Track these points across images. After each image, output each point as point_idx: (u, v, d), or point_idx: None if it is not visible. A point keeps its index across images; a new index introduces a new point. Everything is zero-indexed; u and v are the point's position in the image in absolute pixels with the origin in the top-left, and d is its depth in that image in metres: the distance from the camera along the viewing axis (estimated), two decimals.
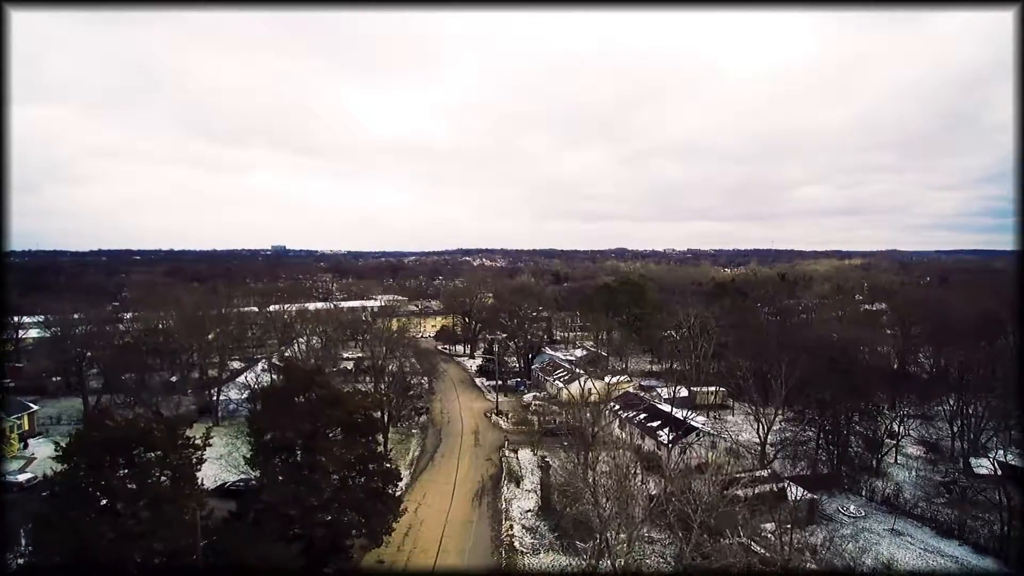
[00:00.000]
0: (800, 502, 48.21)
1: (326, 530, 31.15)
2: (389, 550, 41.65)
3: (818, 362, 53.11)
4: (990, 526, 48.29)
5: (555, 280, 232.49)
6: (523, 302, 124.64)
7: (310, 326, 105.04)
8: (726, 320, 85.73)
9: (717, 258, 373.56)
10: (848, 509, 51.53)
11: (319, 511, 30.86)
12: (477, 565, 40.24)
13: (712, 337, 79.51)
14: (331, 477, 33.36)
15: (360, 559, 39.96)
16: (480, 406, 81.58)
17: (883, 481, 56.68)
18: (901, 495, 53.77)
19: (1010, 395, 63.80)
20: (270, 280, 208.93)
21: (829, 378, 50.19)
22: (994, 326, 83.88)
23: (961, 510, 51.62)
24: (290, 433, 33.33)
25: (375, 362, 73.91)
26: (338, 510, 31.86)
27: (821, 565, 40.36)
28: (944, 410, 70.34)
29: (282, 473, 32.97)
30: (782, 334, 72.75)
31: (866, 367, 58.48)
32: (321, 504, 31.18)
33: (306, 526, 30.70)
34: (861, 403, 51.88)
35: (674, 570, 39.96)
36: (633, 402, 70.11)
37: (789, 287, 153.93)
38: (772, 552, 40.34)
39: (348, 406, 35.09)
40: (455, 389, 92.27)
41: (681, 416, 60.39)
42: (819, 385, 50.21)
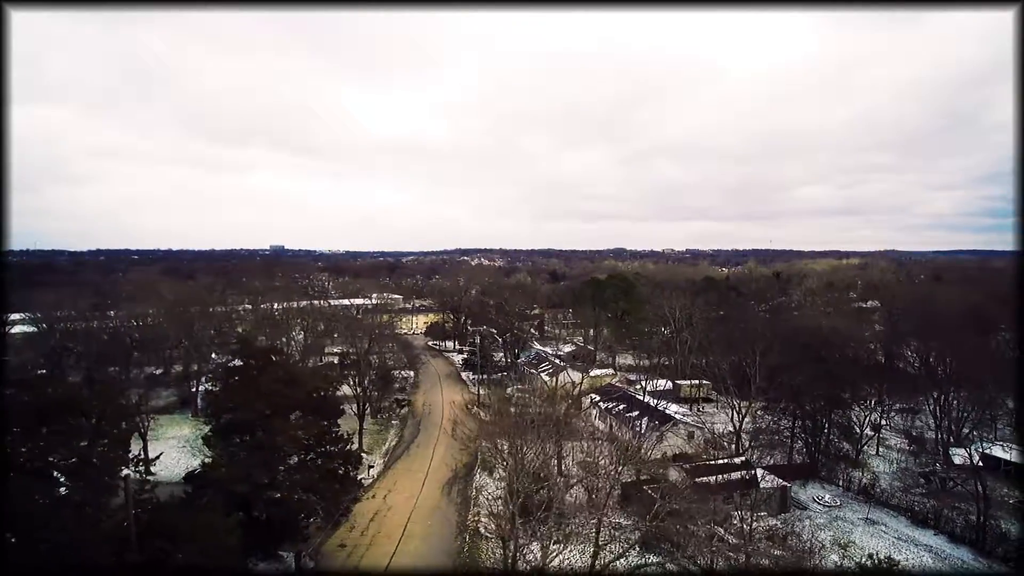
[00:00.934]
0: (772, 490, 47.85)
1: (277, 508, 30.86)
2: (353, 534, 41.44)
3: (792, 349, 52.72)
4: (966, 516, 47.80)
5: (552, 279, 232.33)
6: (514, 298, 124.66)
7: (298, 321, 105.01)
8: (712, 313, 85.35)
9: (716, 258, 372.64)
10: (823, 499, 51.08)
11: (269, 489, 30.59)
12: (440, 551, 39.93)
13: (696, 329, 79.11)
14: (285, 456, 33.13)
15: (323, 542, 39.83)
16: (463, 399, 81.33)
17: (862, 472, 56.23)
18: (878, 485, 53.30)
19: (994, 387, 63.47)
20: (266, 278, 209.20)
21: (802, 365, 49.77)
22: (983, 321, 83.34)
23: (938, 500, 51.16)
24: (246, 412, 33.12)
25: (358, 354, 73.69)
26: (290, 488, 31.57)
27: (787, 552, 39.88)
28: (928, 404, 69.90)
29: (237, 452, 32.72)
30: (761, 324, 72.25)
31: (843, 355, 57.88)
32: (272, 482, 30.93)
33: (256, 504, 30.41)
34: (837, 391, 51.36)
35: (637, 556, 39.59)
36: (613, 393, 69.78)
37: (782, 285, 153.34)
38: (739, 539, 39.92)
39: (306, 386, 34.87)
40: (440, 382, 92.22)
41: (659, 406, 60.03)
42: (792, 372, 49.81)
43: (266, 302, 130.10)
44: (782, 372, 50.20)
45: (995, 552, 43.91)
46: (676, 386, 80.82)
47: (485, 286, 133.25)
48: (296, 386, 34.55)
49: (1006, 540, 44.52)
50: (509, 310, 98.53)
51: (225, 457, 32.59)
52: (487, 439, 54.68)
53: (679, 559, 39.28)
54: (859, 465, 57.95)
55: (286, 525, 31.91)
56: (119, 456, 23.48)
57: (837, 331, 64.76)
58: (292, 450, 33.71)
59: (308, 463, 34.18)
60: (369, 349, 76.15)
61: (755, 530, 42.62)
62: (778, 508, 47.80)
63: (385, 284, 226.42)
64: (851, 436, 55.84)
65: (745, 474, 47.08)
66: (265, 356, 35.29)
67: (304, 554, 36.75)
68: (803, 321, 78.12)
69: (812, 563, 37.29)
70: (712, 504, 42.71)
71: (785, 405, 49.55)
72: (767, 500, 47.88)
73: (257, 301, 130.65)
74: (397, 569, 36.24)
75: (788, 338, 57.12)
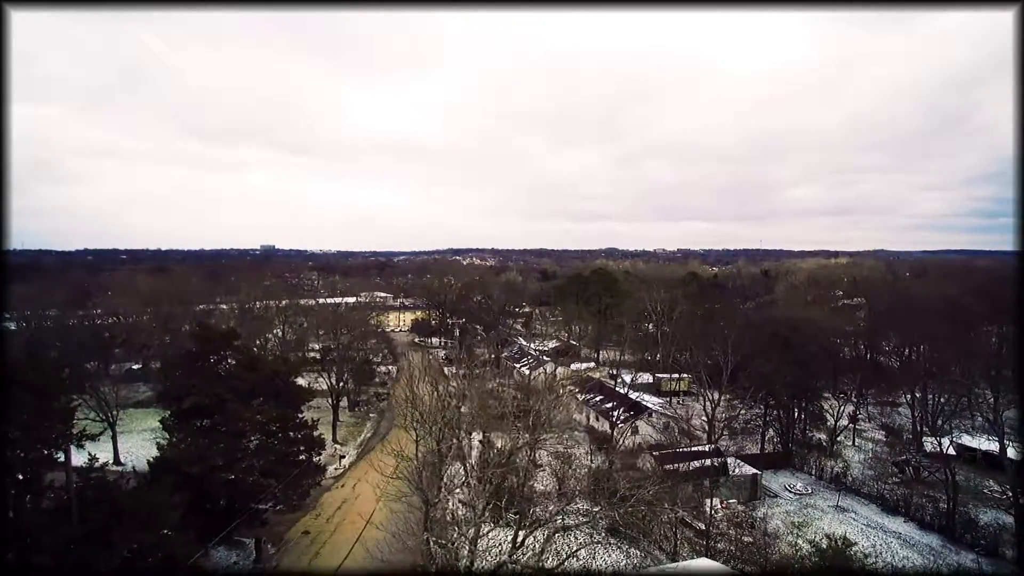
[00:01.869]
0: (742, 477, 47.88)
1: (232, 490, 30.53)
2: (318, 521, 41.19)
3: (763, 338, 52.72)
4: (936, 503, 47.95)
5: (543, 278, 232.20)
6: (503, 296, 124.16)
7: (281, 317, 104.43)
8: (695, 308, 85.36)
9: (706, 257, 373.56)
10: (795, 487, 51.10)
11: (223, 470, 30.26)
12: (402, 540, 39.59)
13: (677, 323, 79.14)
14: (243, 440, 32.81)
15: (287, 529, 39.53)
16: (442, 392, 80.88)
17: (835, 461, 56.34)
18: (850, 474, 53.43)
19: (969, 377, 63.83)
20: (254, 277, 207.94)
21: (771, 352, 49.77)
22: (962, 313, 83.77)
23: (910, 489, 51.31)
24: (204, 396, 32.80)
25: (336, 348, 73.33)
26: (246, 471, 31.25)
27: (755, 537, 39.86)
28: (906, 396, 70.17)
29: (194, 436, 32.39)
30: (738, 316, 72.34)
31: (815, 343, 57.93)
32: (225, 464, 30.60)
33: (211, 486, 30.08)
34: (805, 378, 51.42)
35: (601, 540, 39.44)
36: (592, 386, 69.74)
37: (769, 283, 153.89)
38: (707, 525, 39.94)
39: (265, 370, 34.56)
40: (422, 376, 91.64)
41: (635, 397, 60.01)
42: (760, 359, 49.81)
43: (251, 300, 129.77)
44: (751, 360, 50.22)
45: (964, 539, 44.03)
46: (657, 380, 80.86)
47: (470, 281, 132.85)
48: (255, 371, 34.25)
49: (974, 527, 44.68)
50: (493, 306, 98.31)
51: (182, 441, 32.27)
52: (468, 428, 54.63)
53: (644, 545, 39.14)
54: (834, 456, 58.07)
55: (242, 508, 31.54)
56: (58, 428, 23.13)
57: (810, 321, 64.85)
58: (250, 434, 33.41)
59: (267, 447, 33.86)
60: (349, 344, 75.75)
61: (724, 516, 42.75)
62: (748, 496, 47.81)
63: (375, 283, 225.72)
64: (825, 426, 55.90)
65: (715, 461, 47.07)
66: (224, 341, 34.97)
67: (265, 540, 36.46)
68: (779, 312, 78.28)
69: (777, 548, 37.32)
70: (680, 490, 42.77)
71: (754, 392, 49.55)
72: (737, 488, 47.94)
73: (242, 299, 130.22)
74: (355, 569, 35.73)
75: (759, 327, 57.16)
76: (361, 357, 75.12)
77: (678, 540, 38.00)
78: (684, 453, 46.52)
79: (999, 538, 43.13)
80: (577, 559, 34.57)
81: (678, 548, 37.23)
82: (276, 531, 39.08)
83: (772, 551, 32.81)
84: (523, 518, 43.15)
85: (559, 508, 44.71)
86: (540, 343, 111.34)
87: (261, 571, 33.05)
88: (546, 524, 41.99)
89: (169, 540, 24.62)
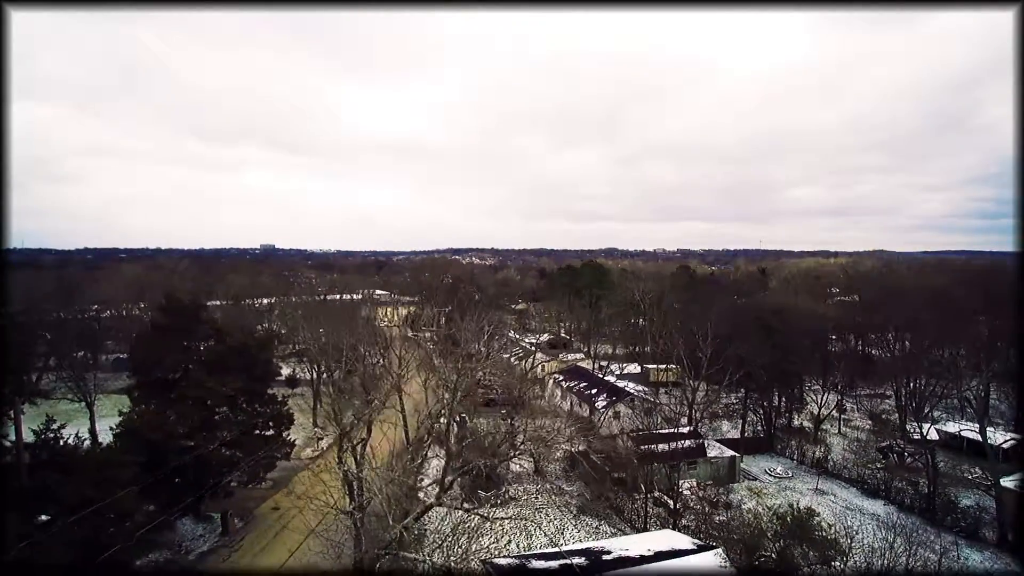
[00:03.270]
0: (720, 459, 47.59)
1: (195, 461, 30.38)
2: (290, 498, 40.98)
3: (743, 321, 52.41)
4: (917, 487, 47.59)
5: (540, 276, 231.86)
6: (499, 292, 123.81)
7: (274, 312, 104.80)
8: (685, 299, 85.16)
9: (705, 257, 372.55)
10: (775, 470, 50.74)
11: (184, 438, 30.12)
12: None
13: (665, 314, 78.87)
14: (207, 410, 32.69)
15: (256, 505, 39.42)
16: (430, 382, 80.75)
17: (818, 447, 55.97)
18: (832, 458, 53.10)
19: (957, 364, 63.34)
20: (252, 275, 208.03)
21: (749, 334, 49.45)
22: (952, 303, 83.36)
23: (892, 473, 50.92)
24: (169, 366, 32.74)
25: (321, 337, 73.14)
26: (208, 440, 31.10)
27: (728, 517, 39.51)
28: (893, 384, 69.76)
29: (158, 404, 32.31)
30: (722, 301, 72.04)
31: (800, 328, 57.57)
32: (188, 433, 30.48)
33: (170, 451, 29.93)
34: (784, 360, 51.06)
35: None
36: (577, 373, 69.58)
37: (765, 280, 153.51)
38: (675, 501, 39.73)
39: (231, 342, 34.47)
40: (411, 366, 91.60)
41: (617, 383, 59.78)
42: (741, 340, 49.50)
43: (247, 297, 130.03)
44: (730, 342, 49.94)
45: (944, 521, 43.63)
46: (645, 370, 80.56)
47: (461, 274, 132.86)
48: (223, 343, 34.17)
49: (954, 508, 44.34)
50: (483, 298, 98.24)
51: (146, 410, 32.18)
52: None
53: (615, 522, 38.86)
54: (818, 442, 57.71)
55: (207, 480, 31.39)
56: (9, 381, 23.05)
57: (794, 308, 64.50)
58: (216, 405, 33.30)
59: (232, 419, 33.74)
60: (336, 333, 75.55)
61: (698, 496, 42.45)
62: (727, 478, 47.47)
63: (373, 281, 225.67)
64: (809, 412, 55.53)
65: (692, 443, 46.77)
66: (192, 313, 34.89)
67: (231, 513, 36.32)
68: (763, 300, 77.88)
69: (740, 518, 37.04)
70: (655, 471, 42.53)
71: (732, 373, 49.19)
72: (715, 470, 47.63)
73: (234, 293, 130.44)
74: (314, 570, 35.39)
75: (741, 312, 56.85)
76: (352, 346, 74.94)
77: (649, 518, 37.70)
78: (661, 435, 46.23)
79: (979, 519, 42.76)
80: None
81: (648, 526, 36.90)
82: (246, 506, 39.00)
83: (736, 523, 32.52)
84: (494, 493, 43.13)
85: (535, 488, 44.78)
86: (532, 337, 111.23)
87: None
88: (520, 503, 42.04)
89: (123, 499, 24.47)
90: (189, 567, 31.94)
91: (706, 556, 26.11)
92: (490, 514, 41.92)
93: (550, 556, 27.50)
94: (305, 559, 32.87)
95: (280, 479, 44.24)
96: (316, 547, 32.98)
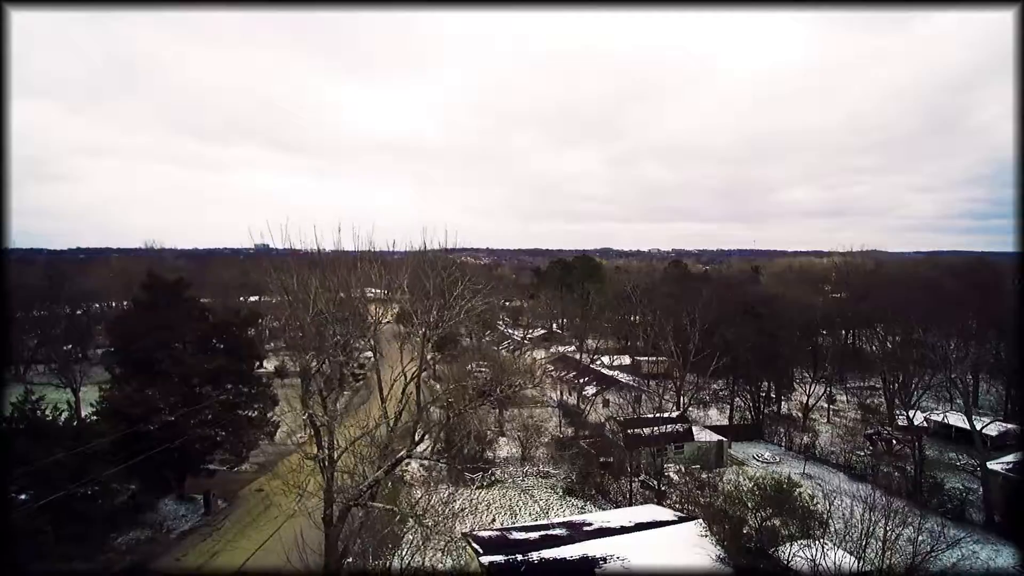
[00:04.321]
0: (708, 444, 47.63)
1: (171, 433, 30.15)
2: (274, 482, 40.75)
3: (730, 307, 52.48)
4: (904, 472, 47.79)
5: (536, 275, 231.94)
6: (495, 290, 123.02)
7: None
8: (671, 288, 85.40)
9: (700, 257, 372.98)
10: (763, 456, 50.84)
11: (163, 413, 29.91)
12: None
13: (656, 310, 78.95)
14: (188, 387, 32.49)
15: (240, 487, 39.22)
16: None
17: (807, 435, 56.11)
18: (820, 444, 53.29)
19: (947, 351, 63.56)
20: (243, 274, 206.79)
21: (735, 317, 49.52)
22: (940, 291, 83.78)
23: (878, 459, 51.09)
24: (150, 343, 32.52)
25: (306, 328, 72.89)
26: (188, 415, 30.89)
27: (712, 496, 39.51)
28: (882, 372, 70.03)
29: (138, 381, 32.09)
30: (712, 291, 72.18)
31: (788, 315, 57.71)
32: (168, 407, 30.26)
33: (150, 427, 29.72)
34: (776, 348, 51.19)
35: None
36: (568, 363, 69.65)
37: (756, 277, 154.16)
38: (658, 480, 39.80)
39: (214, 319, 34.30)
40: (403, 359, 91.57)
41: (605, 371, 59.82)
42: (728, 325, 49.56)
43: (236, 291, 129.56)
44: (717, 327, 50.01)
45: (930, 503, 43.75)
46: (636, 362, 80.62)
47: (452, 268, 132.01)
48: (203, 320, 34.00)
49: (941, 490, 44.49)
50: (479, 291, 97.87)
51: (125, 386, 31.97)
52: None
53: (600, 503, 38.79)
54: (807, 430, 57.85)
55: (183, 454, 31.18)
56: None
57: (782, 296, 64.66)
58: (198, 383, 33.11)
59: (214, 397, 33.53)
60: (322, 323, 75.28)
61: (684, 479, 42.43)
62: (715, 463, 47.48)
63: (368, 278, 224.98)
64: (797, 399, 55.69)
65: (680, 427, 46.78)
66: (174, 291, 34.70)
67: (214, 494, 36.07)
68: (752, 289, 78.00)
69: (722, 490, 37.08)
70: (642, 455, 42.57)
71: (719, 357, 49.27)
72: (703, 454, 47.64)
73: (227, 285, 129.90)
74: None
75: (729, 299, 56.96)
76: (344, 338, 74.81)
77: (634, 497, 37.68)
78: (648, 419, 46.25)
79: (966, 501, 42.94)
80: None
81: (633, 504, 36.84)
82: (231, 488, 38.80)
83: (718, 497, 32.56)
84: (480, 476, 43.06)
85: (522, 472, 44.73)
86: (527, 331, 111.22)
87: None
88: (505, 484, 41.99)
89: (95, 459, 24.27)
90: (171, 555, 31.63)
91: (687, 526, 26.09)
92: (473, 482, 42.01)
93: (531, 528, 27.46)
94: (286, 536, 32.70)
95: (267, 464, 44.04)
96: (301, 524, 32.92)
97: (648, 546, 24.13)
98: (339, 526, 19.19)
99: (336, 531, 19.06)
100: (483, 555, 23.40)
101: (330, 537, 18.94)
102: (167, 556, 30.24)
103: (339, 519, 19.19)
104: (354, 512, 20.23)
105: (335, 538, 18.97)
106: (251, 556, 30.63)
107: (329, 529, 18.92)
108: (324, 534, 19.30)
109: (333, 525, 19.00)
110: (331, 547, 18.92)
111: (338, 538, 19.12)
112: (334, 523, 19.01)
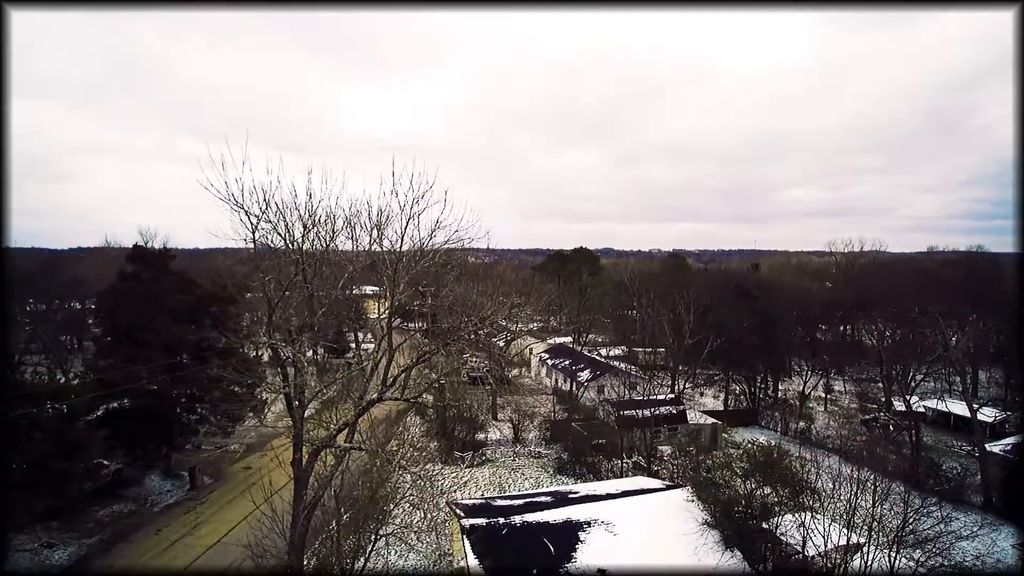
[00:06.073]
0: (702, 426, 47.17)
1: (153, 401, 29.81)
2: (264, 460, 40.37)
3: (726, 291, 51.95)
4: (901, 455, 47.31)
5: (534, 272, 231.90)
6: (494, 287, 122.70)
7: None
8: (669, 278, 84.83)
9: (700, 257, 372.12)
10: (758, 440, 50.22)
11: (145, 381, 29.52)
12: None
13: (651, 295, 78.51)
14: (171, 358, 32.13)
15: (227, 465, 38.86)
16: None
17: (806, 421, 55.62)
18: (816, 428, 52.81)
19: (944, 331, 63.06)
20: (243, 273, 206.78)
21: (730, 300, 49.01)
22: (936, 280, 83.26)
23: (874, 442, 50.59)
24: (135, 314, 32.21)
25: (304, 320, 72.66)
26: (169, 384, 30.52)
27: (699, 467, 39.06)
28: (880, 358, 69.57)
29: (121, 352, 31.75)
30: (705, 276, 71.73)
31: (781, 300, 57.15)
32: (149, 376, 29.88)
33: (131, 395, 29.37)
34: (772, 332, 50.67)
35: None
36: (563, 352, 69.29)
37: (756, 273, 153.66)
38: (648, 459, 39.40)
39: (198, 292, 34.00)
40: (401, 351, 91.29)
41: (602, 360, 59.43)
42: (722, 307, 49.06)
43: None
44: (712, 310, 49.54)
45: (927, 484, 43.27)
46: (632, 352, 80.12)
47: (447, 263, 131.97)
48: (188, 293, 33.68)
49: (938, 471, 44.01)
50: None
51: (110, 357, 31.64)
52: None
53: (593, 481, 38.29)
54: (803, 416, 57.35)
55: (164, 424, 30.79)
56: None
57: (778, 282, 64.09)
58: (183, 355, 32.76)
59: (198, 370, 33.16)
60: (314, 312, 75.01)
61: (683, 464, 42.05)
62: (709, 446, 46.97)
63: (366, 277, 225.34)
64: (794, 386, 55.15)
65: (674, 409, 46.32)
66: (160, 263, 34.39)
67: (199, 469, 35.70)
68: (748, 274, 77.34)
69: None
70: (635, 436, 42.15)
71: (714, 339, 48.76)
72: (697, 437, 47.15)
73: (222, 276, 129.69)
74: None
75: (724, 284, 56.46)
76: (337, 328, 74.55)
77: (625, 474, 37.23)
78: (642, 402, 45.81)
79: (963, 482, 42.48)
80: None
81: None
82: (218, 466, 38.47)
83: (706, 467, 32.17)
84: (472, 455, 42.70)
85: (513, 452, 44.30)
86: (526, 325, 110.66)
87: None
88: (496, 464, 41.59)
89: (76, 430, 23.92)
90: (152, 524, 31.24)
91: (674, 493, 25.66)
92: (463, 460, 41.45)
93: (517, 497, 27.03)
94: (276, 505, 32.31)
95: (256, 444, 43.71)
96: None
97: (633, 511, 23.70)
98: (308, 471, 18.79)
99: (305, 475, 18.66)
100: (464, 518, 22.98)
101: (299, 481, 18.54)
102: (148, 528, 29.84)
103: (308, 463, 18.78)
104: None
105: (304, 483, 18.58)
106: (234, 528, 30.25)
107: (299, 472, 18.52)
108: (293, 479, 18.91)
109: (303, 469, 18.59)
110: (298, 494, 18.51)
111: (307, 485, 18.73)
112: (303, 467, 18.60)
